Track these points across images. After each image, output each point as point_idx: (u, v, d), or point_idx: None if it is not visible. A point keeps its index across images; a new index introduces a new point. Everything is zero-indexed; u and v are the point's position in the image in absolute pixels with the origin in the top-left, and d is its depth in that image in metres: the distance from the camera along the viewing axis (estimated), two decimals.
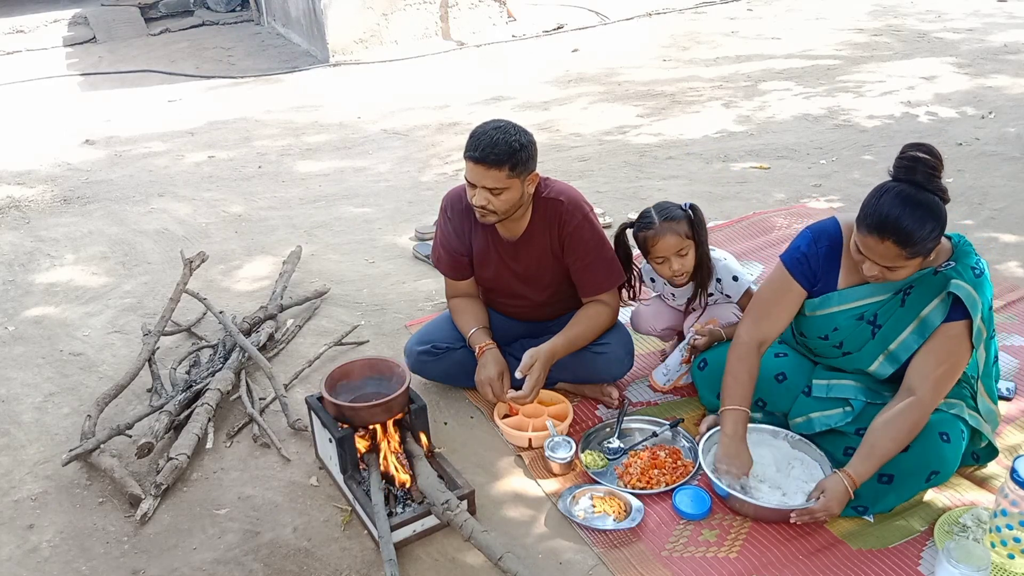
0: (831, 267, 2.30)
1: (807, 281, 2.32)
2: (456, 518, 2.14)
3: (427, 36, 8.25)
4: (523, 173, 2.45)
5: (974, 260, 2.16)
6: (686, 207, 2.63)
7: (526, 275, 2.70)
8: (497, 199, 2.45)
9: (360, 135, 5.86)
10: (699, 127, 5.51)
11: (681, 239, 2.58)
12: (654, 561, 2.15)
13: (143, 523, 2.38)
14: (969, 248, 2.19)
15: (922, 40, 7.30)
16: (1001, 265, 3.53)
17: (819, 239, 2.31)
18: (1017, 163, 4.63)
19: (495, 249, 2.68)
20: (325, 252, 4.07)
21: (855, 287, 2.28)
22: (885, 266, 2.09)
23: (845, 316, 2.30)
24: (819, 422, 2.37)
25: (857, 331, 2.30)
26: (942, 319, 2.16)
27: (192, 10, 10.14)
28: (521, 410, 2.69)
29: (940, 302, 2.16)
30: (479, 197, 2.45)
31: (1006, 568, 2.05)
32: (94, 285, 3.87)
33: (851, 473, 2.14)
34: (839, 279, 2.30)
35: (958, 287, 2.10)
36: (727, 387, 2.35)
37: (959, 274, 2.12)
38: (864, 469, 2.14)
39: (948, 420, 2.19)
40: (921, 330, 2.20)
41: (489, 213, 2.49)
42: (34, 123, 6.56)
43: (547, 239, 2.62)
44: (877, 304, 2.26)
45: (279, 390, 2.82)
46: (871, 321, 2.27)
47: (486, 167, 2.39)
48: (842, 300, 2.29)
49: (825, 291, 2.31)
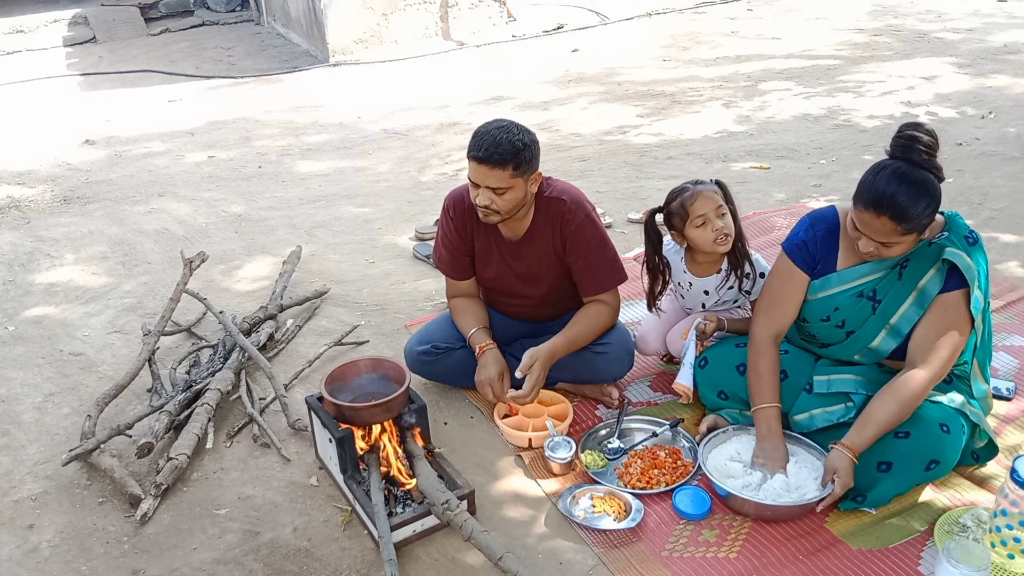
0: (830, 250, 2.35)
1: (807, 266, 2.38)
2: (456, 518, 2.14)
3: (427, 36, 8.25)
4: (526, 173, 2.45)
5: (967, 230, 2.21)
6: (712, 182, 2.64)
7: (528, 275, 2.70)
8: (501, 199, 2.45)
9: (360, 135, 5.86)
10: (699, 127, 5.51)
11: (717, 199, 2.58)
12: (654, 561, 2.15)
13: (143, 523, 2.38)
14: (961, 221, 2.24)
15: (922, 40, 7.30)
16: (1001, 265, 3.53)
17: (816, 224, 2.38)
18: (1017, 163, 4.63)
19: (497, 249, 2.69)
20: (325, 252, 4.07)
21: (853, 267, 2.32)
22: (881, 242, 2.13)
23: (845, 295, 2.34)
24: (821, 418, 2.38)
25: (858, 308, 2.33)
26: (939, 288, 2.20)
27: (192, 10, 10.14)
28: (521, 410, 2.69)
29: (936, 271, 2.20)
30: (483, 197, 2.46)
31: (1006, 568, 2.05)
32: (94, 285, 3.87)
33: (848, 444, 2.17)
34: (838, 261, 2.35)
35: (953, 255, 2.15)
36: (753, 386, 2.39)
37: (953, 243, 2.17)
38: (861, 438, 2.17)
39: (949, 413, 2.21)
40: (920, 301, 2.23)
41: (492, 213, 2.49)
42: (34, 123, 6.56)
43: (549, 238, 2.62)
44: (875, 280, 2.30)
45: (279, 390, 2.82)
46: (871, 297, 2.31)
47: (490, 167, 2.40)
48: (842, 280, 2.34)
49: (825, 273, 2.36)
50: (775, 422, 2.34)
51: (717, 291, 2.71)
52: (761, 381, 2.37)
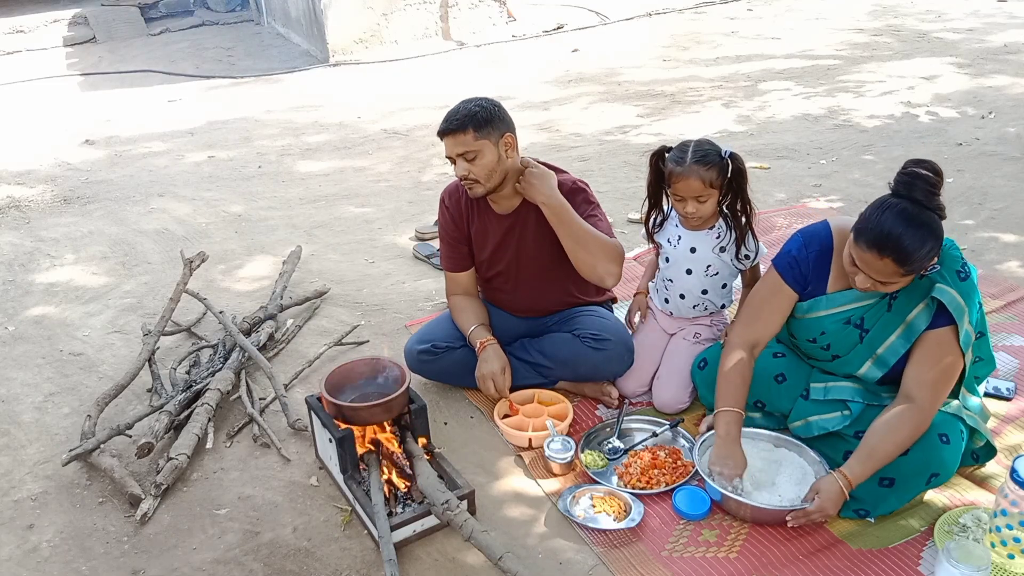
0: (821, 271, 2.32)
1: (798, 284, 2.34)
2: (456, 518, 2.14)
3: (427, 36, 8.25)
4: (491, 134, 2.50)
5: (959, 263, 2.17)
6: (725, 154, 2.52)
7: (525, 255, 2.70)
8: (474, 165, 2.51)
9: (360, 135, 5.86)
10: (699, 127, 5.51)
11: (704, 187, 2.50)
12: (654, 561, 2.15)
13: (143, 523, 2.38)
14: (956, 252, 2.19)
15: (922, 40, 7.30)
16: (1001, 265, 3.53)
17: (810, 243, 2.33)
18: (1017, 163, 4.63)
19: (492, 226, 2.70)
20: (325, 252, 4.07)
21: (843, 291, 2.29)
22: (879, 280, 2.09)
23: (832, 320, 2.31)
24: (817, 425, 2.37)
25: (844, 335, 2.30)
26: (927, 324, 2.17)
27: (192, 10, 10.15)
28: (521, 410, 2.69)
29: (925, 307, 2.17)
30: (459, 168, 2.53)
31: (1006, 568, 2.05)
32: (94, 285, 3.87)
33: (847, 474, 2.14)
34: (828, 283, 2.31)
35: (942, 292, 2.12)
36: (719, 389, 2.36)
37: (944, 278, 2.13)
38: (861, 471, 2.14)
39: (947, 421, 2.19)
40: (908, 334, 2.21)
41: (474, 183, 2.54)
42: (34, 123, 6.56)
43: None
44: (864, 308, 2.27)
45: (279, 390, 2.82)
46: (858, 325, 2.28)
47: (452, 136, 2.50)
48: (830, 304, 2.31)
49: (815, 294, 2.33)
50: (734, 427, 2.30)
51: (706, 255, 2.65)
52: (728, 385, 2.33)
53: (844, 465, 2.16)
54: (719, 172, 2.51)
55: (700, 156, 2.49)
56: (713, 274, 2.72)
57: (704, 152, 2.50)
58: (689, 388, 2.70)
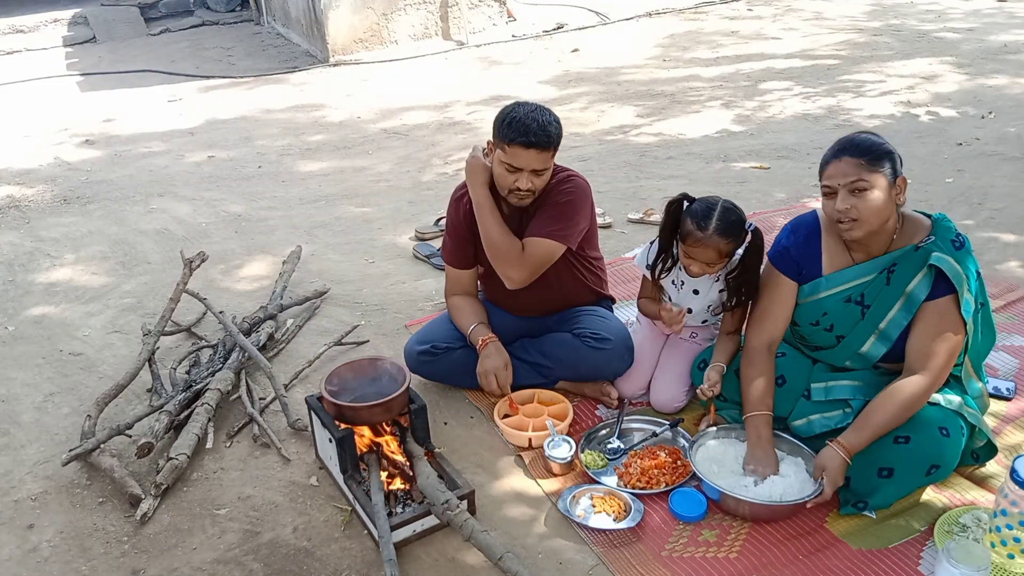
0: (812, 254, 2.37)
1: (792, 272, 2.39)
2: (456, 518, 2.14)
3: (427, 36, 8.25)
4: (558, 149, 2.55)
5: (954, 234, 2.22)
6: (750, 228, 2.46)
7: None
8: (539, 179, 2.54)
9: (360, 135, 5.86)
10: (699, 127, 5.51)
11: (719, 257, 2.48)
12: (654, 561, 2.15)
13: (143, 523, 2.38)
14: (948, 223, 2.25)
15: (922, 40, 7.30)
16: (1001, 265, 3.53)
17: (797, 229, 2.40)
18: (1017, 163, 4.63)
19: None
20: (325, 252, 4.07)
21: (841, 271, 2.33)
22: (851, 190, 2.13)
23: (833, 300, 2.35)
24: (819, 424, 2.37)
25: (846, 313, 2.33)
26: (927, 294, 2.20)
27: (192, 10, 10.15)
28: (521, 410, 2.69)
29: (923, 276, 2.20)
30: (524, 181, 2.52)
31: (1006, 568, 2.05)
32: (94, 285, 3.87)
33: (844, 443, 2.17)
34: (823, 265, 2.36)
35: (939, 259, 2.16)
36: (744, 394, 2.40)
37: (939, 247, 2.18)
38: (857, 439, 2.17)
39: (948, 416, 2.20)
40: (908, 306, 2.24)
41: (530, 195, 2.56)
42: (34, 123, 6.56)
43: None
44: (863, 285, 2.30)
45: (279, 390, 2.82)
46: (859, 301, 2.31)
47: (539, 151, 2.48)
48: (830, 284, 2.35)
49: (811, 278, 2.37)
50: (765, 429, 2.34)
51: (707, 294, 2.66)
52: (752, 389, 2.37)
53: (841, 435, 2.20)
54: (738, 245, 2.48)
55: (724, 228, 2.42)
56: (716, 309, 2.68)
57: (729, 224, 2.43)
58: (686, 388, 2.71)
